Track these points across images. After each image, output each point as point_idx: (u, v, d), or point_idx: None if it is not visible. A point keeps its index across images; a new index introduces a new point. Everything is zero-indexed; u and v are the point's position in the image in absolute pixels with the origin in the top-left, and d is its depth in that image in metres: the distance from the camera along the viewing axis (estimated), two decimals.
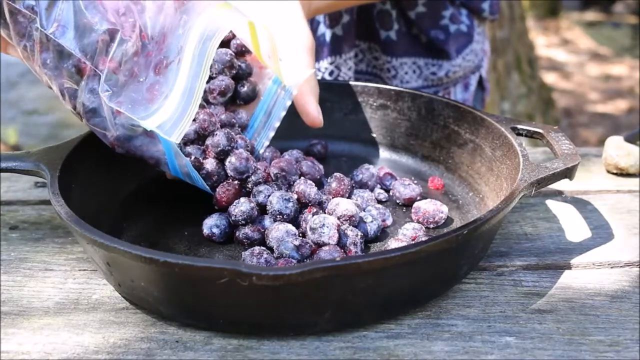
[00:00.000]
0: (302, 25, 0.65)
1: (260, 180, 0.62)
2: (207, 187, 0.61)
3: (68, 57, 0.56)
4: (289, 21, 0.65)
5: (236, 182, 0.61)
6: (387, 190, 0.68)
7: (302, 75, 0.63)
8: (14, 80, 3.38)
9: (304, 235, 0.58)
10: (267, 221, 0.60)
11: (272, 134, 0.66)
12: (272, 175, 0.62)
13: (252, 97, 0.67)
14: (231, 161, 0.61)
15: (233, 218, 0.59)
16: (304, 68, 0.63)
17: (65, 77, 0.57)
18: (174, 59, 0.57)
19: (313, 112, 0.65)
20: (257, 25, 0.60)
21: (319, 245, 0.56)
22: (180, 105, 0.56)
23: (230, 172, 0.61)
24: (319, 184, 0.65)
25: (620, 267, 0.57)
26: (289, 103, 0.64)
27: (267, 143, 0.67)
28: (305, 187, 0.61)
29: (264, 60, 0.62)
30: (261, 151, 0.66)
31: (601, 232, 0.63)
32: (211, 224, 0.60)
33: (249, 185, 0.62)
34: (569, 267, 0.57)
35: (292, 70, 0.63)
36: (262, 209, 0.61)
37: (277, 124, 0.66)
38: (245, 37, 0.61)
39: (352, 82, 0.76)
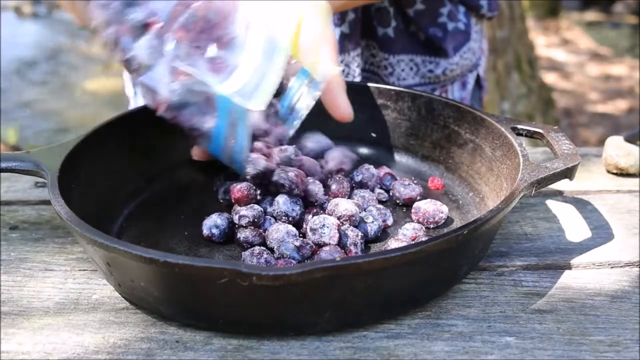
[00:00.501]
0: (328, 23, 0.65)
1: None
2: (243, 172, 0.61)
3: (137, 7, 0.56)
4: (315, 19, 0.65)
5: (258, 192, 0.61)
6: (387, 191, 0.68)
7: (332, 70, 0.63)
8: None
9: (304, 235, 0.58)
10: (268, 222, 0.60)
11: (298, 123, 0.65)
12: (299, 192, 0.61)
13: (279, 92, 0.67)
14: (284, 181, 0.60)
15: (240, 214, 0.59)
16: (332, 64, 0.64)
17: (126, 27, 0.57)
18: (239, 34, 0.58)
19: (344, 105, 0.65)
20: (306, 16, 0.62)
21: (320, 245, 0.56)
22: (254, 79, 0.57)
23: (282, 180, 0.60)
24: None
25: (620, 267, 0.57)
26: (318, 94, 0.64)
27: (292, 132, 0.66)
28: (314, 187, 0.61)
29: (296, 53, 0.63)
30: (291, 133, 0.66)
31: (601, 232, 0.63)
32: (210, 225, 0.60)
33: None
34: (569, 267, 0.57)
35: (321, 65, 0.63)
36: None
37: (305, 115, 0.65)
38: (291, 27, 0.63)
39: (352, 82, 0.76)
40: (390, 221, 0.62)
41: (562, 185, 0.69)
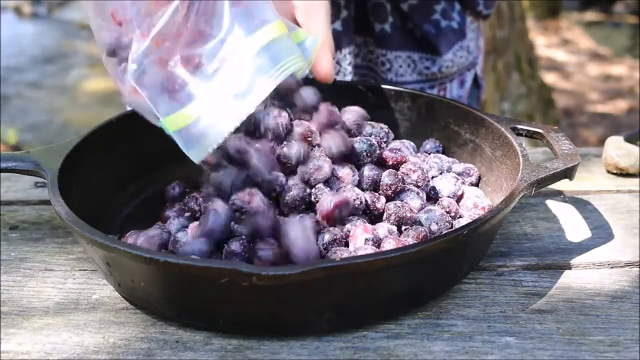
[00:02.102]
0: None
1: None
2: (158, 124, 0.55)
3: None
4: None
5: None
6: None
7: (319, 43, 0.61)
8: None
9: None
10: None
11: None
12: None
13: None
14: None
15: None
16: (321, 35, 0.63)
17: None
18: (208, 63, 0.52)
19: (326, 65, 0.63)
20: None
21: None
22: (205, 122, 0.51)
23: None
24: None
25: (620, 267, 0.57)
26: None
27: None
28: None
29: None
30: None
31: (601, 232, 0.63)
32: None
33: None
34: (569, 267, 0.57)
35: (310, 38, 0.61)
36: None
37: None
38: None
39: (351, 81, 0.76)
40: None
41: (562, 185, 0.69)
